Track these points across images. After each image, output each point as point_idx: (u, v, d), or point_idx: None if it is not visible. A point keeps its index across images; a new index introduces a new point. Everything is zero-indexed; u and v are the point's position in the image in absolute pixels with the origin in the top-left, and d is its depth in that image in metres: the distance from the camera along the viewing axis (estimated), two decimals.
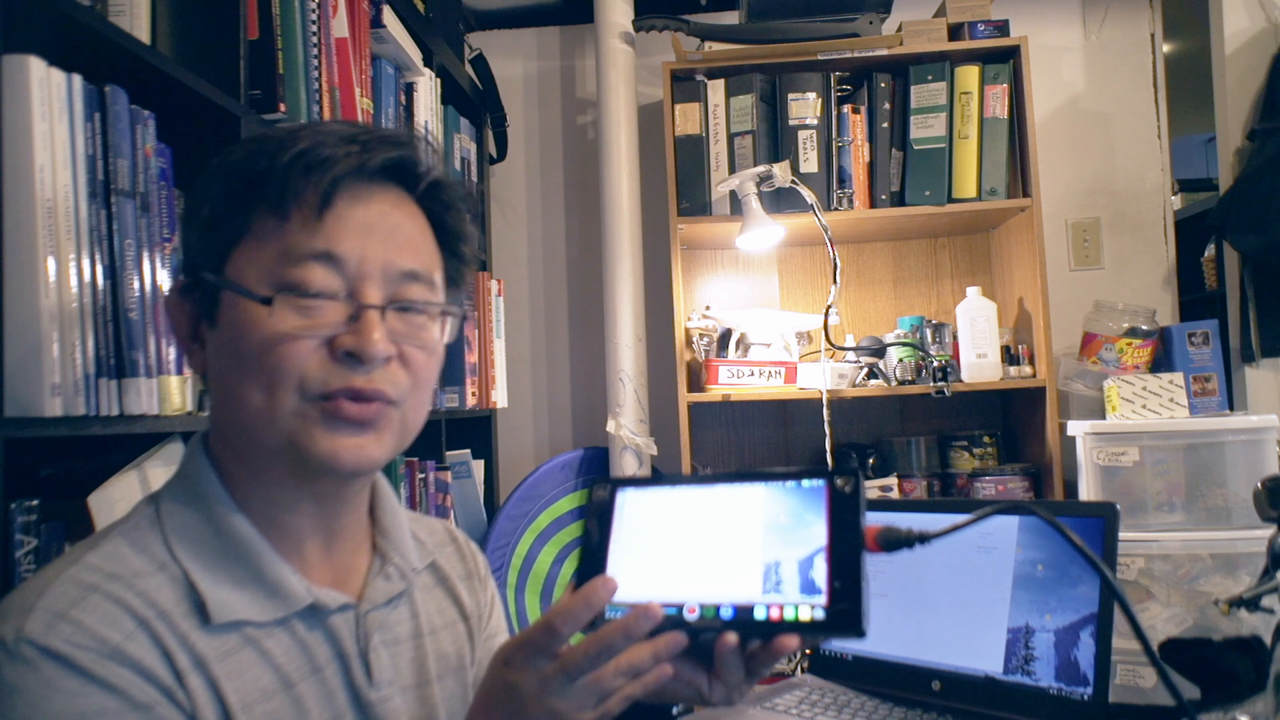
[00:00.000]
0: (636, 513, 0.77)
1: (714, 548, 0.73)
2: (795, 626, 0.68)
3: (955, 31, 2.23)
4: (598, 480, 0.80)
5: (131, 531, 0.70)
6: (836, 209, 2.21)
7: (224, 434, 0.74)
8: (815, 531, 0.70)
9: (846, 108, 2.24)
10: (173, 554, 0.69)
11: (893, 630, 1.19)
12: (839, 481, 0.71)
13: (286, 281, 0.68)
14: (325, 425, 0.69)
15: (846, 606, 0.67)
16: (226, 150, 0.73)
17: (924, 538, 0.72)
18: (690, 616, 0.70)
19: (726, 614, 0.70)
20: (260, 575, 0.71)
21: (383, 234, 0.72)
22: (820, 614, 0.67)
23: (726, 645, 0.69)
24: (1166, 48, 2.60)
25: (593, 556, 0.76)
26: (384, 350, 0.70)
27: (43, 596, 0.63)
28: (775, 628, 0.68)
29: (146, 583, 0.67)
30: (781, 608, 0.69)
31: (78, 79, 0.98)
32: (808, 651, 1.26)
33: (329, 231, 0.69)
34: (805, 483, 0.73)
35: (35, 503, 0.93)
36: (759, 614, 0.69)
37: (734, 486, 0.75)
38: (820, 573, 0.68)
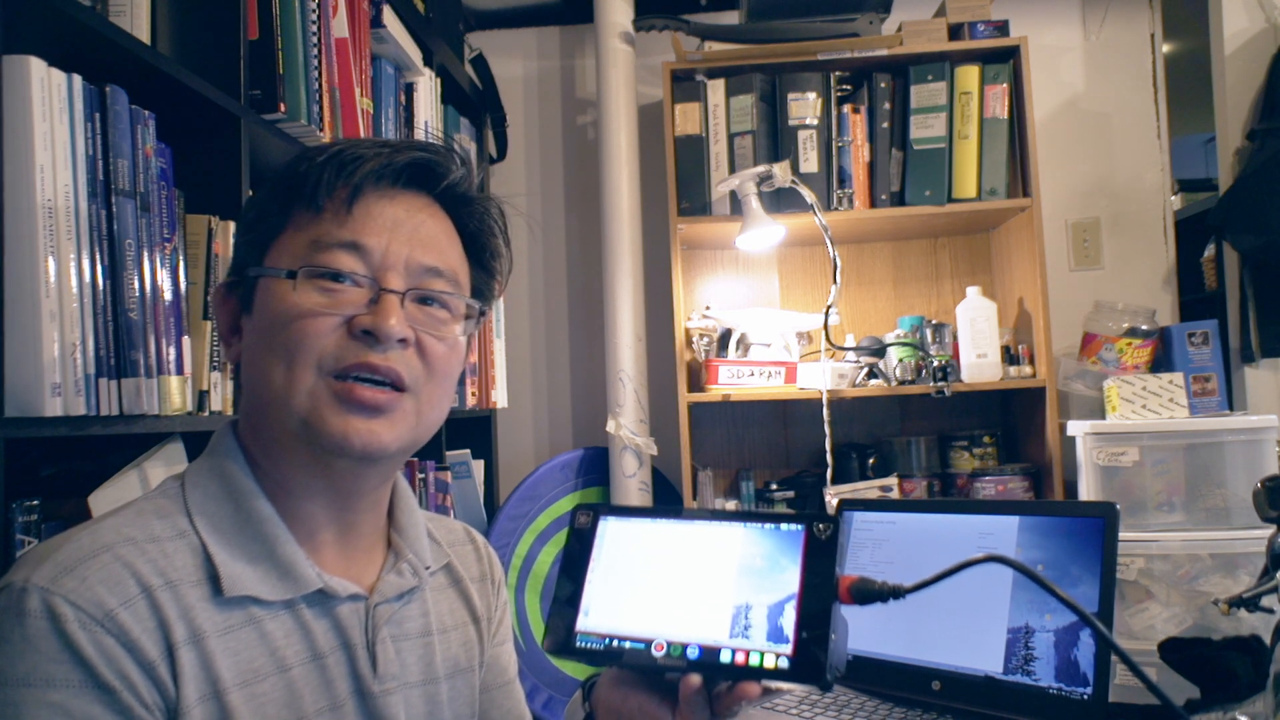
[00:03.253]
0: (617, 542, 0.78)
1: (688, 585, 0.74)
2: (759, 673, 0.68)
3: (955, 31, 2.23)
4: (581, 506, 0.81)
5: (156, 499, 0.73)
6: (836, 209, 2.21)
7: (250, 421, 0.77)
8: (789, 577, 0.71)
9: (846, 108, 2.24)
10: (193, 524, 0.71)
11: (893, 630, 1.19)
12: (818, 527, 0.72)
13: (314, 264, 0.73)
14: (338, 406, 0.71)
15: (811, 658, 0.67)
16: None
17: (898, 592, 0.71)
18: (657, 654, 0.71)
19: (693, 654, 0.70)
20: (273, 554, 0.73)
21: (408, 231, 0.76)
22: (785, 663, 0.68)
23: (690, 687, 0.69)
24: (1166, 48, 2.60)
25: (570, 582, 0.77)
26: (399, 330, 0.72)
27: (59, 550, 0.65)
28: (739, 673, 0.69)
29: (162, 548, 0.69)
30: (747, 653, 0.69)
31: (78, 79, 0.98)
32: None
33: (356, 224, 0.74)
34: (784, 526, 0.73)
35: (35, 503, 0.94)
36: (724, 657, 0.69)
37: (714, 524, 0.76)
38: (789, 621, 0.69)
